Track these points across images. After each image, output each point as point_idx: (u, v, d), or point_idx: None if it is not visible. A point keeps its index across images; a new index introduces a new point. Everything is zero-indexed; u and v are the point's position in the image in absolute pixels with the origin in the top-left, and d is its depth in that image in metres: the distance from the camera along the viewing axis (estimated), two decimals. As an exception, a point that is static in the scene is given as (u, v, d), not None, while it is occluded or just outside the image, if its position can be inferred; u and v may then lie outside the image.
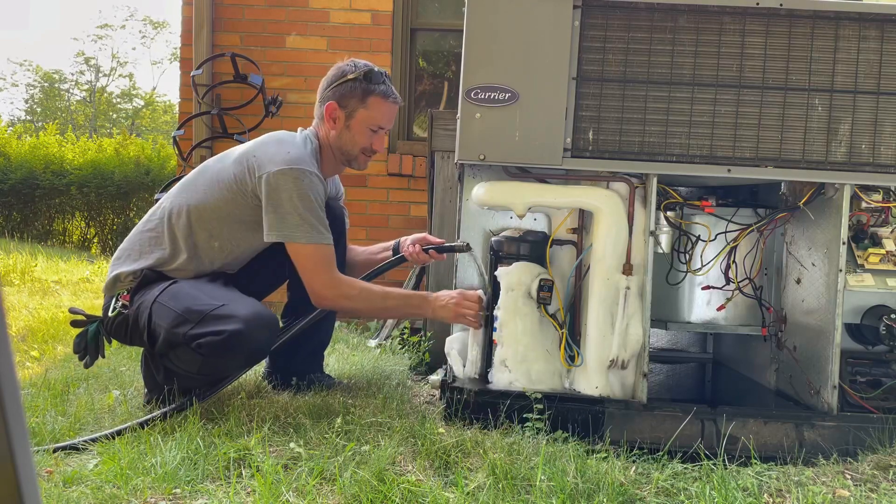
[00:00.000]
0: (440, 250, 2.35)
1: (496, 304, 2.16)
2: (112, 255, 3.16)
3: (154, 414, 1.99)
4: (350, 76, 2.26)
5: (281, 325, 2.54)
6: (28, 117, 26.80)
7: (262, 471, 1.57)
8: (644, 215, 2.09)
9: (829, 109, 2.03)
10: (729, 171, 2.05)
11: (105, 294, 2.25)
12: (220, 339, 1.95)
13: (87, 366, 2.26)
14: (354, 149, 2.30)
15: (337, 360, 2.96)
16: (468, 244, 2.22)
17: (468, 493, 1.53)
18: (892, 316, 2.01)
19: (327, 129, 2.30)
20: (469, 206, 2.28)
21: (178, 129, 4.69)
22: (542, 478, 1.58)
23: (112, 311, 2.18)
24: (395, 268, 2.32)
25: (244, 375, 2.21)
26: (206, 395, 2.07)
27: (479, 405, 2.03)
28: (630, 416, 2.00)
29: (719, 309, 2.30)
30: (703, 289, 2.30)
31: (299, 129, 2.36)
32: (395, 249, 2.48)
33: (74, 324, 2.26)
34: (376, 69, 2.29)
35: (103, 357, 2.27)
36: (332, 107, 2.27)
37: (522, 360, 2.10)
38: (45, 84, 27.02)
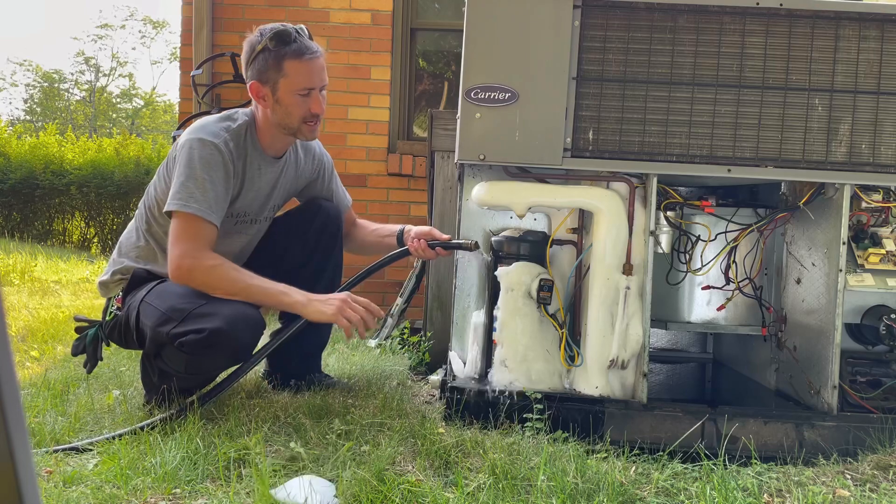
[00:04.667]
0: (447, 247, 2.24)
1: (496, 304, 2.16)
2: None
3: (154, 419, 1.98)
4: (258, 48, 2.12)
5: (279, 324, 2.53)
6: (28, 117, 26.80)
7: (262, 471, 1.57)
8: (644, 215, 2.09)
9: (829, 109, 2.03)
10: (729, 171, 2.04)
11: (101, 293, 2.26)
12: (201, 337, 1.92)
13: (88, 371, 2.26)
14: (293, 121, 2.15)
15: (337, 360, 2.96)
16: (476, 242, 2.17)
17: (468, 493, 1.53)
18: (892, 316, 2.01)
19: (262, 109, 2.18)
20: (469, 206, 2.27)
21: (178, 128, 4.69)
22: (543, 478, 1.58)
23: (108, 315, 2.18)
24: (397, 261, 2.27)
25: (243, 377, 2.21)
26: (206, 399, 2.05)
27: (479, 405, 2.03)
28: (630, 416, 2.00)
29: (719, 309, 2.30)
30: (703, 289, 2.30)
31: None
32: (400, 240, 2.40)
33: (78, 330, 2.26)
34: (282, 27, 2.12)
35: (101, 360, 2.27)
36: (254, 87, 2.13)
37: (522, 360, 2.10)
38: (45, 84, 27.01)
